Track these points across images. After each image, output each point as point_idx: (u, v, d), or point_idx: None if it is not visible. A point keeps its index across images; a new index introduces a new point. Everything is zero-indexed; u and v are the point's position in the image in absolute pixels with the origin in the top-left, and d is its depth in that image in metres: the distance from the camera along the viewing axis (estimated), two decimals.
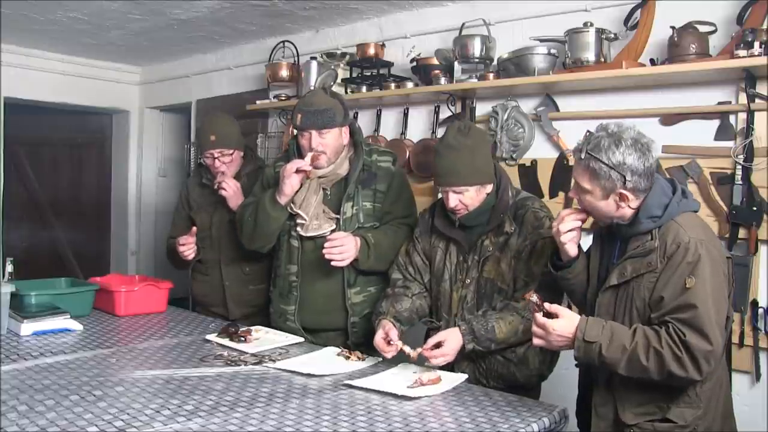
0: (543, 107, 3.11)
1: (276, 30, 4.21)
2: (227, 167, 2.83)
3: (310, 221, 2.40)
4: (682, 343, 1.55)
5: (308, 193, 2.42)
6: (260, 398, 1.77)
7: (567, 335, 1.65)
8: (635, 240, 1.71)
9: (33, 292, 2.57)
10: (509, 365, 2.17)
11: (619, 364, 1.60)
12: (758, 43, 2.37)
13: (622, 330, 1.63)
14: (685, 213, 1.70)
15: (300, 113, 2.37)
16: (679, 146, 2.71)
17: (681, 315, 1.57)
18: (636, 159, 1.66)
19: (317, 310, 2.48)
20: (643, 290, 1.67)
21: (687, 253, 1.61)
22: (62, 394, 1.74)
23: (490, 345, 2.07)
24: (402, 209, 2.50)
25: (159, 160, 5.84)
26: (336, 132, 2.39)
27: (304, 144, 2.40)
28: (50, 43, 4.79)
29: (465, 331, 2.07)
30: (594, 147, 1.68)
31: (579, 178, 1.75)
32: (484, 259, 2.17)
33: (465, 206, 2.14)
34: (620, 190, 1.68)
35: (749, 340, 2.54)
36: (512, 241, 2.15)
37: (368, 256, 2.35)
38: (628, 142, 1.67)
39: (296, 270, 2.48)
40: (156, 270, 5.58)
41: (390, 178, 2.47)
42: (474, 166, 2.11)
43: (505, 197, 2.17)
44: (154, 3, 3.70)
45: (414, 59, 3.52)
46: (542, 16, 3.15)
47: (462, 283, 2.20)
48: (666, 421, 1.66)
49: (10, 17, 3.98)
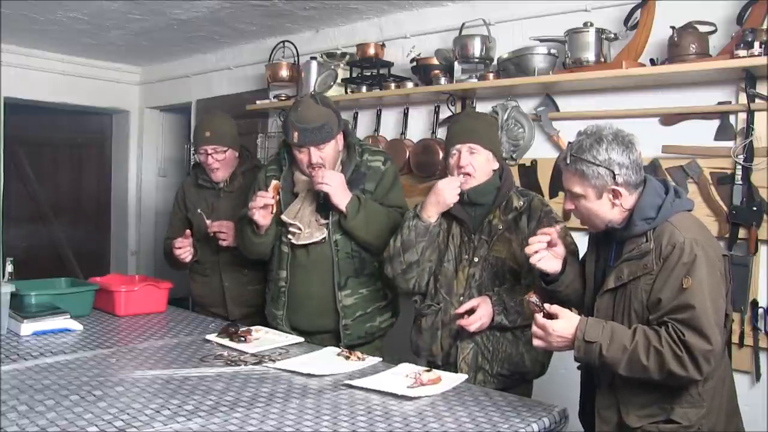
0: (543, 107, 3.11)
1: (276, 30, 4.21)
2: (221, 165, 2.84)
3: (303, 230, 2.41)
4: (681, 342, 1.55)
5: (304, 203, 2.44)
6: (260, 398, 1.77)
7: (567, 336, 1.65)
8: (630, 243, 1.72)
9: (33, 292, 2.57)
10: (518, 344, 2.17)
11: (620, 364, 1.60)
12: (758, 43, 2.37)
13: (622, 330, 1.63)
14: (679, 213, 1.71)
15: (296, 130, 2.34)
16: (679, 146, 2.71)
17: (679, 315, 1.58)
18: (620, 153, 1.68)
19: (309, 313, 2.49)
20: (640, 293, 1.67)
21: (682, 254, 1.61)
22: (62, 394, 1.74)
23: (518, 318, 2.11)
24: (391, 202, 2.49)
25: (159, 160, 5.84)
26: (333, 143, 2.40)
27: (303, 159, 2.39)
28: (50, 43, 4.79)
29: (496, 301, 2.10)
30: (577, 149, 1.71)
31: (569, 184, 1.76)
32: (495, 237, 2.18)
33: (474, 170, 2.18)
34: (612, 186, 1.69)
35: (749, 340, 2.54)
36: (522, 222, 2.17)
37: (358, 211, 2.34)
38: (609, 137, 1.70)
39: (285, 275, 2.49)
40: (156, 270, 5.57)
41: (379, 177, 2.47)
42: (489, 133, 2.24)
43: (509, 179, 2.26)
44: (154, 3, 3.70)
45: (414, 59, 3.52)
46: (542, 16, 3.15)
47: (469, 261, 2.21)
48: (670, 422, 1.66)
49: (10, 17, 3.98)
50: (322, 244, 2.43)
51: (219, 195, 2.91)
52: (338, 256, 2.43)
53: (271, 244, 2.52)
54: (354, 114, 3.89)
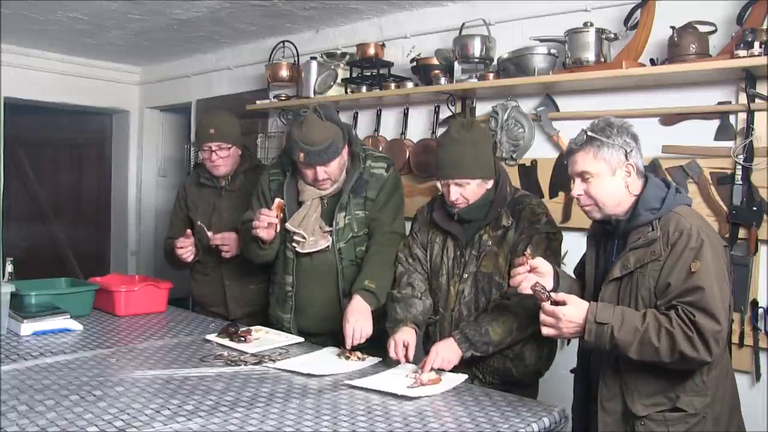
0: (543, 107, 3.11)
1: (276, 30, 4.21)
2: (224, 162, 2.83)
3: (307, 239, 2.41)
4: (692, 323, 1.58)
5: (309, 212, 2.43)
6: (260, 398, 1.77)
7: (578, 320, 1.67)
8: (636, 233, 1.75)
9: (33, 292, 2.57)
10: (505, 360, 2.18)
11: (631, 346, 1.61)
12: (758, 43, 2.37)
13: (632, 313, 1.65)
14: (680, 205, 1.76)
15: (302, 151, 2.29)
16: (679, 146, 2.71)
17: (689, 298, 1.61)
18: (628, 137, 1.78)
19: (314, 316, 2.49)
20: (648, 279, 1.70)
21: (690, 240, 1.65)
22: (62, 394, 1.74)
23: (488, 348, 2.08)
24: (387, 216, 2.47)
25: (159, 160, 5.84)
26: (339, 158, 2.37)
27: (309, 174, 2.37)
28: (50, 43, 4.79)
29: (460, 340, 2.08)
30: (592, 129, 1.78)
31: (581, 164, 1.78)
32: (483, 254, 2.18)
33: (466, 200, 2.16)
34: (626, 162, 1.75)
35: (749, 340, 2.54)
36: (510, 235, 2.17)
37: (378, 301, 2.29)
38: (618, 124, 1.80)
39: (291, 280, 2.49)
40: (156, 270, 5.57)
41: (381, 184, 2.46)
42: (476, 159, 2.14)
43: (503, 192, 2.20)
44: (154, 3, 3.70)
45: (414, 59, 3.52)
46: (542, 16, 3.15)
47: (459, 277, 2.22)
48: (676, 410, 1.68)
49: (10, 17, 3.98)
50: (326, 252, 2.43)
51: (220, 194, 2.91)
52: (342, 263, 2.44)
53: (275, 252, 2.51)
54: (354, 114, 3.88)
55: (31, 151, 5.82)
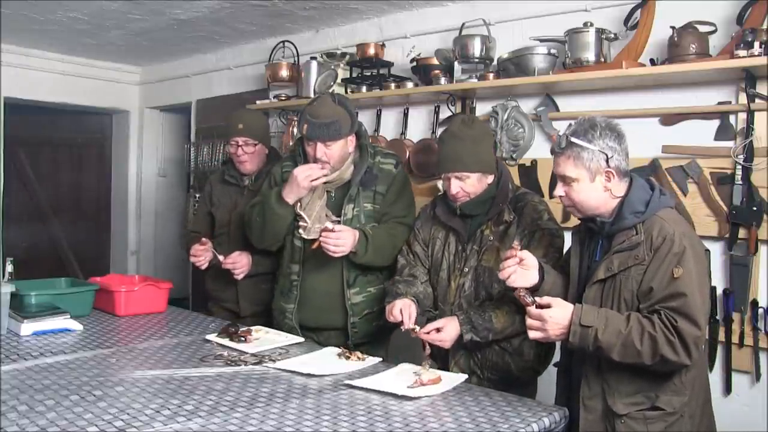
0: (543, 107, 3.11)
1: (276, 30, 4.21)
2: (249, 158, 2.87)
3: (312, 224, 2.41)
4: (674, 328, 1.61)
5: (313, 197, 2.44)
6: (260, 398, 1.77)
7: (563, 323, 1.69)
8: (620, 236, 1.76)
9: (33, 292, 2.57)
10: (504, 355, 2.19)
11: (614, 348, 1.64)
12: (758, 43, 2.38)
13: (616, 316, 1.68)
14: (664, 208, 1.77)
15: (306, 123, 2.37)
16: (679, 146, 2.71)
17: (672, 303, 1.64)
18: (612, 140, 1.75)
19: (317, 308, 2.49)
20: (631, 282, 1.72)
21: (673, 245, 1.68)
22: (62, 394, 1.74)
23: (488, 335, 2.10)
24: (399, 209, 2.50)
25: (159, 160, 5.84)
26: (341, 142, 2.40)
27: (310, 152, 2.42)
28: (50, 43, 4.79)
29: (463, 320, 2.10)
30: (573, 133, 1.78)
31: (563, 168, 1.79)
32: (485, 248, 2.19)
33: (467, 194, 2.18)
34: (605, 168, 1.74)
35: (749, 340, 2.54)
36: (511, 230, 2.18)
37: (366, 249, 2.36)
38: (602, 124, 1.77)
39: (297, 269, 2.50)
40: (156, 270, 5.58)
41: (390, 180, 2.48)
42: (476, 154, 2.16)
43: (505, 189, 2.22)
44: (154, 3, 3.70)
45: (414, 59, 3.52)
46: (542, 16, 3.15)
47: (460, 272, 2.23)
48: (655, 409, 1.72)
49: (10, 17, 3.98)
50: None
51: (243, 193, 2.93)
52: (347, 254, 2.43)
53: (286, 228, 2.50)
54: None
55: (31, 151, 5.82)
